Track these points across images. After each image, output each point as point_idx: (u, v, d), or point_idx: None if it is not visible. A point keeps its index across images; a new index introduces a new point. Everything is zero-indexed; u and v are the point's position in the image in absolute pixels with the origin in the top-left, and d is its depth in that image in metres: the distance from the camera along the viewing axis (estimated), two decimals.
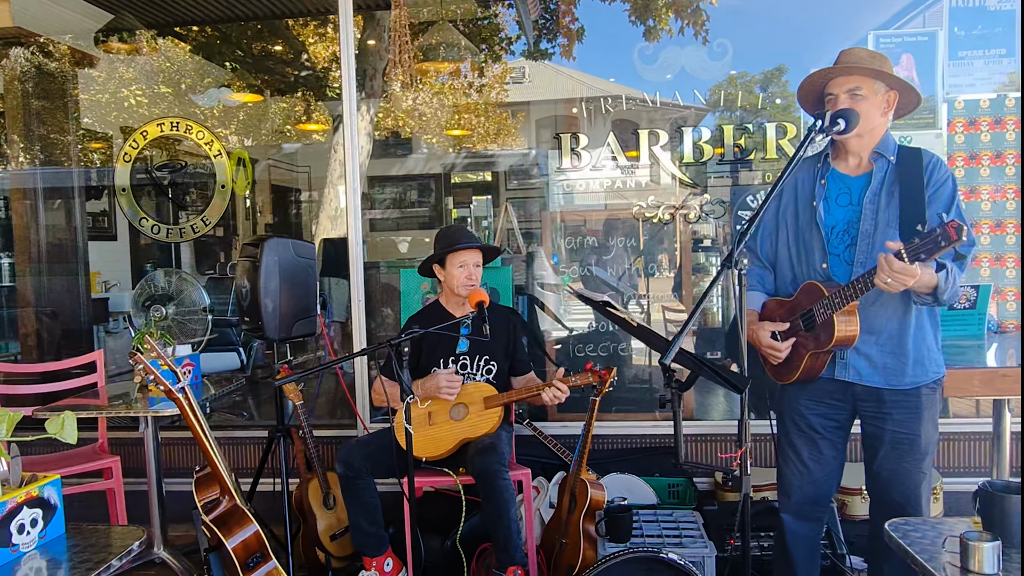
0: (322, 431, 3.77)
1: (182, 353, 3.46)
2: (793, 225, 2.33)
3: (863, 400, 2.26)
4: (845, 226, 2.23)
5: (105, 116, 6.73)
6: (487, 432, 2.90)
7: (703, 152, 3.61)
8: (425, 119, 8.12)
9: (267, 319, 3.11)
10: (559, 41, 5.21)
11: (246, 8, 5.32)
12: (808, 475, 2.36)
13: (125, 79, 7.32)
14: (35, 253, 4.42)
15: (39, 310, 4.38)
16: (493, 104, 7.40)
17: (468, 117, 7.96)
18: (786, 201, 2.37)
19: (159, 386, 2.34)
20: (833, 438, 2.34)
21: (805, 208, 2.32)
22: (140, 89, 7.48)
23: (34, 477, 1.77)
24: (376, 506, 2.93)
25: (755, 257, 2.45)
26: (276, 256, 3.12)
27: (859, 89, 2.18)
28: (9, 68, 4.44)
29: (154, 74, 7.34)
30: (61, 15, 4.56)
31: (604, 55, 4.82)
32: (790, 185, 2.37)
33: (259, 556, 2.36)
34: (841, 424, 2.33)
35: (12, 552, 1.66)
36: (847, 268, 2.21)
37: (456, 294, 3.05)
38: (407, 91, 7.44)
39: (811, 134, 2.13)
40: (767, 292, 2.44)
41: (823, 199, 2.27)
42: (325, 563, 3.12)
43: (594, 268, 3.80)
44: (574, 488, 2.96)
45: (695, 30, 4.48)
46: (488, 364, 3.06)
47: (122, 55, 5.84)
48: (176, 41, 7.02)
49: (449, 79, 7.05)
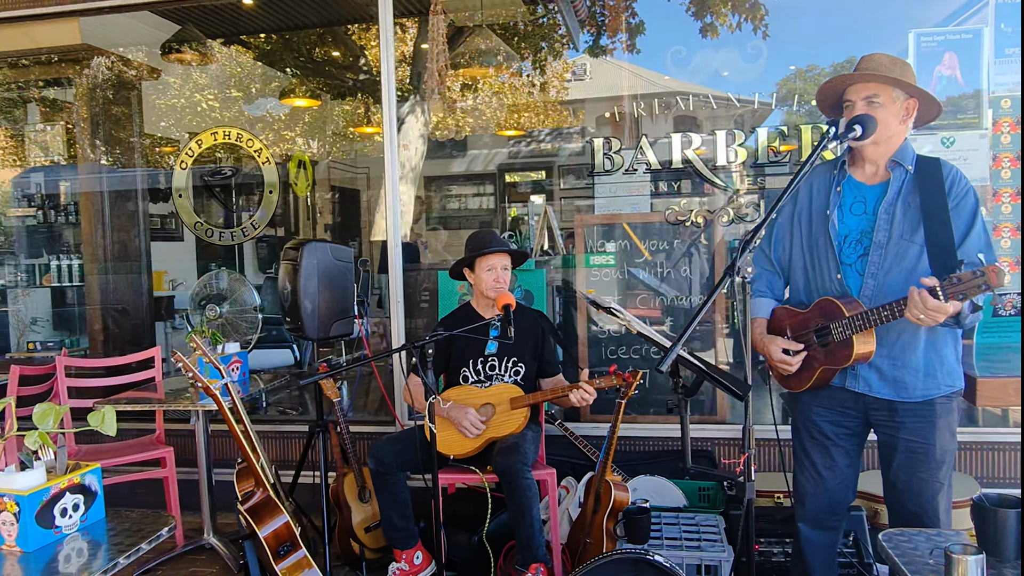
0: (362, 427, 3.91)
1: (231, 351, 3.65)
2: (807, 231, 2.31)
3: (875, 410, 2.23)
4: (858, 235, 2.21)
5: (180, 120, 7.11)
6: (512, 432, 2.97)
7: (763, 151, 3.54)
8: (485, 118, 8.22)
9: (306, 319, 3.26)
10: (619, 37, 5.24)
11: (292, 19, 5.53)
12: (822, 483, 2.35)
13: (199, 84, 7.70)
14: (101, 254, 4.71)
15: (105, 307, 4.67)
16: (553, 102, 7.44)
17: (528, 116, 8.03)
18: (801, 206, 2.36)
19: (197, 383, 2.49)
20: (847, 446, 2.32)
21: (818, 215, 2.30)
22: (212, 93, 7.86)
23: (77, 465, 1.93)
24: (406, 501, 3.04)
25: (767, 261, 2.45)
26: (315, 259, 3.27)
27: (876, 97, 2.16)
28: (81, 79, 4.76)
29: (226, 80, 7.70)
30: (128, 30, 4.84)
31: (664, 51, 4.82)
32: (805, 189, 2.35)
33: (289, 545, 2.49)
34: (854, 432, 2.31)
35: (55, 533, 1.83)
36: (858, 279, 2.19)
37: (485, 296, 3.13)
38: (467, 93, 7.57)
39: (824, 141, 2.12)
40: (776, 298, 2.43)
41: (837, 207, 2.25)
42: (359, 554, 3.25)
43: (636, 270, 3.82)
44: (599, 489, 3.01)
45: (754, 25, 4.45)
46: (516, 366, 3.13)
47: (194, 64, 6.12)
48: (242, 49, 7.34)
49: (508, 78, 7.14)
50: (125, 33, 4.93)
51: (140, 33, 5.09)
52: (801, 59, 4.65)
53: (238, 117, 7.95)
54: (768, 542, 2.87)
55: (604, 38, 5.38)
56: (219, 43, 6.35)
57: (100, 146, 4.85)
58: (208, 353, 2.97)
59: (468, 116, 8.28)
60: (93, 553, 1.84)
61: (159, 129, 6.55)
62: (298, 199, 8.49)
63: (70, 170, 5.05)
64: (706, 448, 3.65)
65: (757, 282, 2.42)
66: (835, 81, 2.24)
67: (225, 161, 5.05)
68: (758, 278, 2.42)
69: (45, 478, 1.83)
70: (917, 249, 2.11)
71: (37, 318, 5.35)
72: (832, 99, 2.30)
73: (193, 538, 3.64)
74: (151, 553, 3.58)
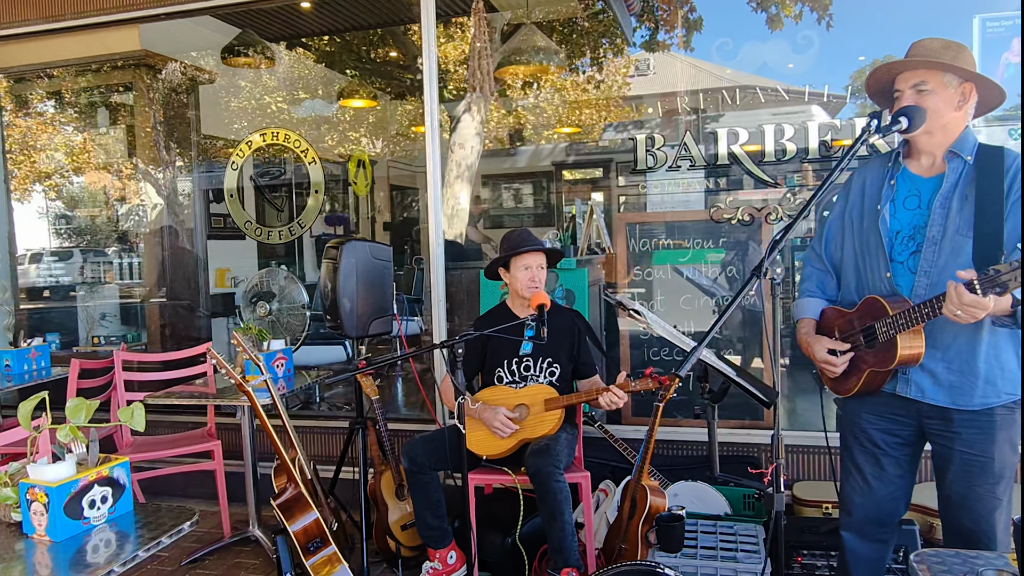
0: (402, 425, 3.93)
1: (276, 348, 3.73)
2: (858, 228, 2.19)
3: (929, 418, 2.10)
4: (911, 231, 2.08)
5: (252, 122, 7.33)
6: (546, 433, 2.93)
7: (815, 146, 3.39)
8: (547, 115, 8.18)
9: (345, 317, 3.29)
10: (677, 32, 5.14)
11: (346, 21, 5.61)
12: (870, 493, 2.22)
13: (269, 87, 7.92)
14: (159, 253, 4.88)
15: (163, 304, 4.85)
16: (615, 98, 7.33)
17: (589, 112, 7.95)
18: (853, 201, 2.24)
19: (229, 379, 2.54)
20: (897, 455, 2.19)
21: (870, 211, 2.17)
22: (281, 96, 8.07)
23: (107, 459, 1.99)
24: (440, 500, 3.04)
25: (818, 260, 2.34)
26: (354, 258, 3.30)
27: (925, 84, 2.02)
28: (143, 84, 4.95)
29: (294, 82, 7.90)
30: (188, 35, 5.00)
31: (728, 45, 4.70)
32: (858, 184, 2.23)
33: (319, 541, 2.52)
34: (906, 441, 2.18)
35: (84, 524, 1.89)
36: (910, 277, 2.06)
37: (521, 296, 3.10)
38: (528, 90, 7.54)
39: (864, 135, 2.00)
40: (828, 298, 2.31)
41: (890, 201, 2.12)
42: (396, 552, 3.27)
43: (686, 270, 3.73)
44: (635, 494, 2.93)
45: (818, 15, 4.28)
46: (551, 366, 3.09)
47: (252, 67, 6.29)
48: (304, 52, 7.52)
49: (569, 75, 7.07)
50: (185, 38, 5.10)
51: (200, 38, 5.25)
52: (873, 50, 4.45)
53: (305, 119, 8.15)
54: (812, 555, 2.75)
55: (662, 33, 5.28)
56: (282, 46, 6.52)
57: (163, 147, 5.04)
58: (248, 350, 3.04)
59: (529, 113, 8.25)
60: (120, 544, 1.89)
61: (232, 131, 6.76)
62: (358, 198, 8.64)
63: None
64: (752, 454, 3.52)
65: (807, 282, 2.32)
66: (882, 70, 2.11)
67: (277, 162, 5.17)
68: (808, 278, 2.32)
69: (74, 470, 1.89)
70: (971, 245, 1.97)
71: (106, 313, 5.60)
72: (882, 89, 2.17)
73: (240, 529, 3.74)
74: (199, 543, 3.71)
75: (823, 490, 3.29)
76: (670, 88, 5.60)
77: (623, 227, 3.60)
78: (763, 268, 1.80)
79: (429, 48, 3.76)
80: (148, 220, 5.54)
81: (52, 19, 4.34)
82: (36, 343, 4.18)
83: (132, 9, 4.27)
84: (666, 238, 3.57)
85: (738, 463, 3.49)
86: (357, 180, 7.94)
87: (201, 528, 3.92)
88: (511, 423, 2.93)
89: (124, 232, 5.61)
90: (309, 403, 4.87)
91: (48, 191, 7.12)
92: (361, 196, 8.52)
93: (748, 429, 3.59)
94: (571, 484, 2.95)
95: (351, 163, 7.97)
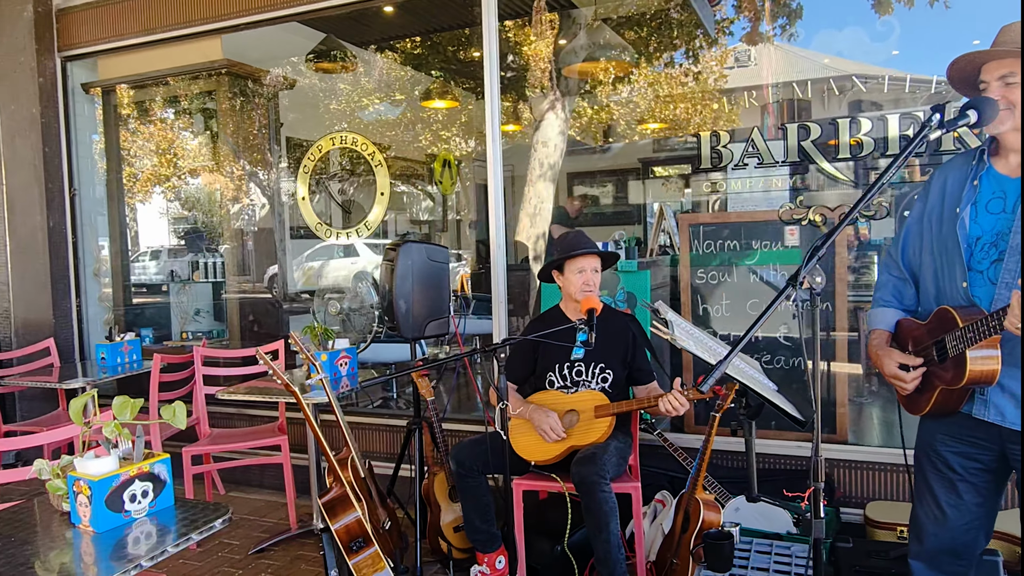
0: (458, 426, 3.94)
1: (340, 347, 3.81)
2: (937, 232, 2.00)
3: (1012, 443, 1.89)
4: (993, 238, 1.87)
5: (352, 123, 7.58)
6: (595, 441, 2.86)
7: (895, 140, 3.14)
8: (640, 111, 8.02)
9: (401, 319, 3.33)
10: (779, 22, 4.92)
11: (429, 23, 5.68)
12: (944, 521, 2.03)
13: (367, 89, 8.17)
14: (241, 252, 5.11)
15: (244, 300, 5.06)
16: (714, 90, 7.09)
17: (684, 107, 7.73)
18: (932, 203, 2.04)
19: (277, 380, 2.61)
20: (976, 481, 1.99)
21: (949, 213, 1.98)
22: (377, 97, 8.31)
23: (151, 455, 2.08)
24: (488, 504, 3.02)
25: (895, 267, 2.15)
26: (410, 260, 3.33)
27: (1012, 75, 1.83)
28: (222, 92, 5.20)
29: (391, 83, 8.12)
30: (272, 42, 5.20)
31: (831, 32, 4.47)
32: (938, 184, 2.04)
33: (361, 541, 2.55)
34: (987, 466, 1.97)
35: (125, 517, 1.98)
36: (990, 288, 1.86)
37: (574, 299, 3.03)
38: (620, 85, 7.41)
39: (924, 130, 1.82)
40: (906, 308, 2.13)
41: (972, 203, 1.92)
42: (447, 553, 3.28)
43: (762, 271, 3.55)
44: (688, 507, 2.82)
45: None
46: (604, 372, 3.01)
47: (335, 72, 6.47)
48: (391, 54, 7.69)
49: (665, 68, 6.90)
50: (268, 45, 5.30)
51: (285, 44, 5.45)
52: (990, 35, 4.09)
53: (401, 119, 8.35)
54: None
55: (763, 24, 5.06)
56: (371, 49, 6.69)
57: (267, 150, 5.26)
58: (305, 350, 3.11)
59: (621, 107, 8.11)
60: (158, 537, 1.97)
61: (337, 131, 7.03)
62: (445, 197, 8.77)
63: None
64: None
65: (882, 290, 2.14)
66: (966, 59, 1.92)
67: (345, 166, 5.31)
68: (883, 285, 2.15)
69: (117, 465, 1.99)
70: None
71: (200, 309, 5.91)
72: (966, 79, 1.98)
73: (306, 522, 3.86)
74: (267, 533, 3.85)
75: (900, 512, 3.05)
76: (772, 80, 5.35)
77: (686, 228, 3.45)
78: (800, 277, 1.67)
79: (490, 50, 3.76)
80: (257, 219, 5.83)
81: (146, 32, 4.62)
82: (129, 338, 4.45)
83: (218, 20, 4.48)
84: (732, 239, 3.40)
85: (803, 479, 3.29)
86: (443, 180, 8.05)
87: (271, 519, 4.07)
88: (560, 428, 2.87)
89: (237, 230, 5.89)
90: (388, 400, 4.97)
91: (166, 192, 7.62)
92: (448, 195, 8.64)
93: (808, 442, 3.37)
94: (622, 494, 2.87)
95: (437, 163, 8.08)
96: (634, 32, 5.99)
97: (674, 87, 7.21)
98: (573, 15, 5.87)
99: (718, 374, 1.62)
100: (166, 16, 4.56)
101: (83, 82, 5.10)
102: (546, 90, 5.73)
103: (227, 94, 5.23)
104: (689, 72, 6.65)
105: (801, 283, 1.68)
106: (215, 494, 4.37)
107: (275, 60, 6.03)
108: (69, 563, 1.88)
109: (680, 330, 1.86)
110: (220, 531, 3.90)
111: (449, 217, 9.07)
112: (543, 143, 5.96)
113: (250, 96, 5.43)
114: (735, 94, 6.82)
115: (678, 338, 1.85)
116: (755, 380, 1.78)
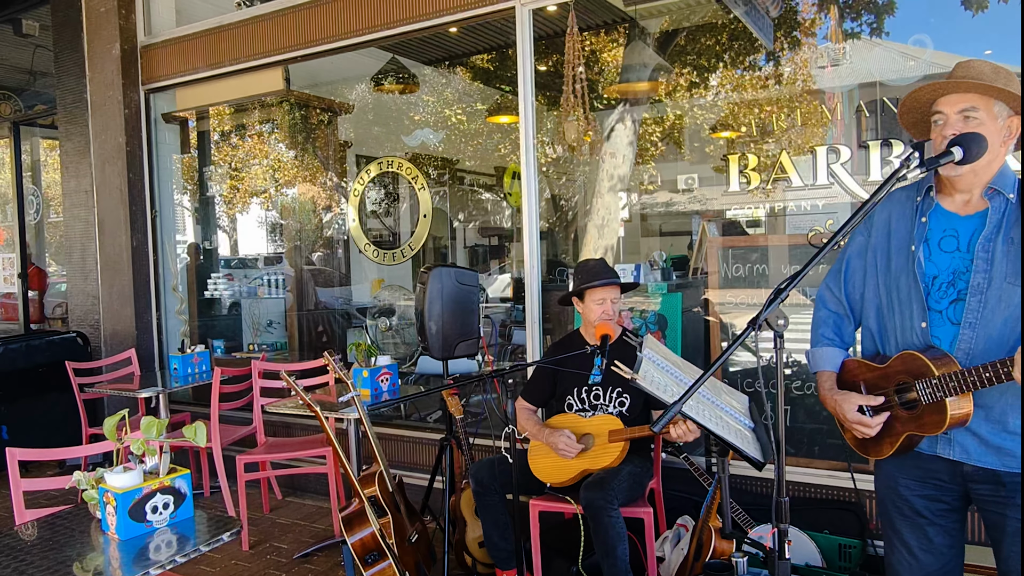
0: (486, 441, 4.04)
1: (382, 363, 3.99)
2: (884, 269, 1.96)
3: (976, 482, 1.84)
4: (950, 277, 1.84)
5: (437, 134, 7.87)
6: (607, 465, 2.90)
7: None
8: (724, 116, 7.94)
9: (431, 339, 3.47)
10: (865, 19, 4.82)
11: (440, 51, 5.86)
12: (919, 567, 1.98)
13: (448, 100, 8.45)
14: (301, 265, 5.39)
15: (303, 314, 5.34)
16: (802, 93, 6.93)
17: (769, 110, 7.56)
18: (877, 239, 1.99)
19: (298, 399, 2.79)
20: (944, 523, 1.94)
21: (899, 251, 1.93)
22: (460, 108, 8.57)
23: (174, 470, 2.29)
24: (506, 522, 3.11)
25: (835, 302, 2.10)
26: (439, 284, 3.46)
27: (975, 110, 1.78)
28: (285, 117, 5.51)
29: (472, 95, 8.36)
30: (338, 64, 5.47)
31: (927, 28, 4.32)
32: (882, 218, 1.99)
33: (375, 555, 2.69)
34: (952, 507, 1.93)
35: (147, 527, 2.18)
36: (951, 328, 1.82)
37: (593, 325, 3.08)
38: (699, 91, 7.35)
39: (902, 169, 1.78)
40: (845, 344, 2.09)
41: (923, 242, 1.88)
42: (472, 567, 3.38)
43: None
44: (702, 534, 2.82)
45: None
46: (620, 396, 3.05)
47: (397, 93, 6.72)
48: (460, 69, 7.91)
49: (744, 72, 6.80)
50: (334, 67, 5.58)
51: (352, 65, 5.72)
52: None
53: (481, 129, 8.56)
54: None
55: (848, 21, 4.95)
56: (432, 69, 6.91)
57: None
58: (337, 369, 3.29)
59: (706, 112, 8.04)
60: (178, 547, 2.17)
61: (413, 145, 7.32)
62: (515, 209, 8.91)
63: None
64: (851, 499, 3.21)
65: (822, 327, 2.10)
66: (921, 92, 1.88)
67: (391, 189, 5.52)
68: (823, 322, 2.10)
69: (141, 479, 2.20)
70: (1020, 293, 1.71)
71: (272, 320, 6.27)
72: (917, 112, 1.94)
73: None
74: (314, 539, 4.07)
75: None
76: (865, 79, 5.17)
77: (715, 251, 3.44)
78: (759, 320, 1.68)
79: (525, 66, 3.85)
80: (346, 229, 6.15)
81: (213, 66, 4.97)
82: (199, 349, 4.80)
83: (286, 51, 4.77)
84: (760, 263, 3.36)
85: (835, 511, 3.21)
86: (512, 191, 8.20)
87: (319, 525, 4.30)
88: (575, 443, 2.92)
89: (328, 239, 6.22)
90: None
91: (264, 203, 8.11)
92: (516, 207, 8.76)
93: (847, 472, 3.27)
94: (635, 519, 2.90)
95: (506, 175, 8.23)
96: (712, 38, 5.97)
97: (757, 91, 7.06)
98: (643, 26, 5.89)
99: (670, 417, 1.66)
100: (237, 49, 4.88)
101: (164, 112, 5.53)
102: (620, 101, 5.77)
103: (288, 119, 5.54)
104: (774, 74, 6.51)
105: (760, 326, 1.68)
106: (272, 499, 4.64)
107: (346, 83, 6.33)
108: (101, 565, 2.10)
109: (643, 370, 1.89)
110: (272, 534, 4.17)
111: (519, 227, 9.19)
112: (612, 154, 6.00)
113: (312, 118, 5.73)
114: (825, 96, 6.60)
115: (638, 378, 1.88)
116: (719, 420, 1.80)
